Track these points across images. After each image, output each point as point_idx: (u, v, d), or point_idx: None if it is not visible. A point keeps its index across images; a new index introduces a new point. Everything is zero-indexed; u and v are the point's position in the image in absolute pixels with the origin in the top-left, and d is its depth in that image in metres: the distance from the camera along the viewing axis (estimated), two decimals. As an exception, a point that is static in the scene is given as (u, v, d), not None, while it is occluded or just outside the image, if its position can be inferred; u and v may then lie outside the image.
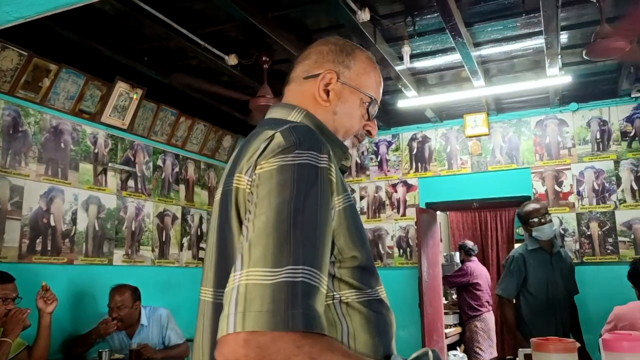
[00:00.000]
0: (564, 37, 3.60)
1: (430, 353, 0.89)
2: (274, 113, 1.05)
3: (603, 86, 4.46)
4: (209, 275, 0.92)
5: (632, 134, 4.42)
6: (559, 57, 3.69)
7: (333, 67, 1.06)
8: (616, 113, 4.50)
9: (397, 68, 3.82)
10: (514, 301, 3.48)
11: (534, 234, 3.40)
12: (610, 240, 4.34)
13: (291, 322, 0.68)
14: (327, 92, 1.04)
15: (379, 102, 1.12)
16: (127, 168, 4.13)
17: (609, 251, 4.33)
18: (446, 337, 5.05)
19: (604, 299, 4.06)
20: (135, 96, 4.02)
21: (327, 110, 1.04)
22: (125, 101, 3.99)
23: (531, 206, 3.47)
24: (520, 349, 1.71)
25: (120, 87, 3.91)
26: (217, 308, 0.80)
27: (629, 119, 4.45)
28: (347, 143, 1.08)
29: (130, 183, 4.20)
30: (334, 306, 0.85)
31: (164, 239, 4.51)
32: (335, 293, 0.86)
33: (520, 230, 5.98)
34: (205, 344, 0.89)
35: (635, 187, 4.33)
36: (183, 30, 3.29)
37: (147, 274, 4.21)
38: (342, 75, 1.06)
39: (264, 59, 3.71)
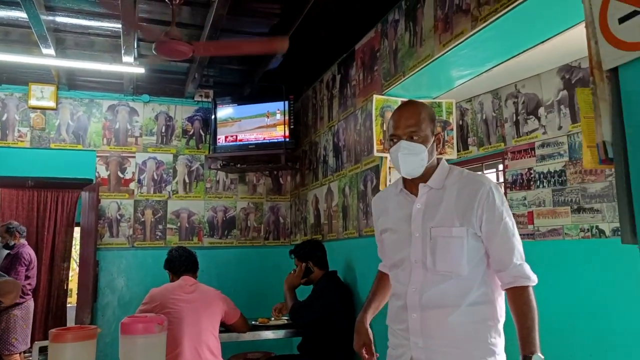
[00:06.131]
0: (141, 28, 3.68)
1: None
2: None
3: (173, 85, 4.82)
4: None
5: (191, 132, 4.95)
6: (135, 46, 3.75)
7: None
8: (181, 112, 4.94)
9: (-60, 5, 3.06)
10: None
11: None
12: (160, 227, 4.72)
13: None
14: None
15: None
16: None
17: (158, 237, 4.70)
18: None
19: (146, 282, 4.36)
20: None
21: None
22: None
23: None
24: (35, 342, 1.59)
25: None
26: None
27: (190, 119, 4.97)
28: None
29: None
30: None
31: None
32: None
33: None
34: None
35: (187, 180, 4.86)
36: None
37: None
38: None
39: None
